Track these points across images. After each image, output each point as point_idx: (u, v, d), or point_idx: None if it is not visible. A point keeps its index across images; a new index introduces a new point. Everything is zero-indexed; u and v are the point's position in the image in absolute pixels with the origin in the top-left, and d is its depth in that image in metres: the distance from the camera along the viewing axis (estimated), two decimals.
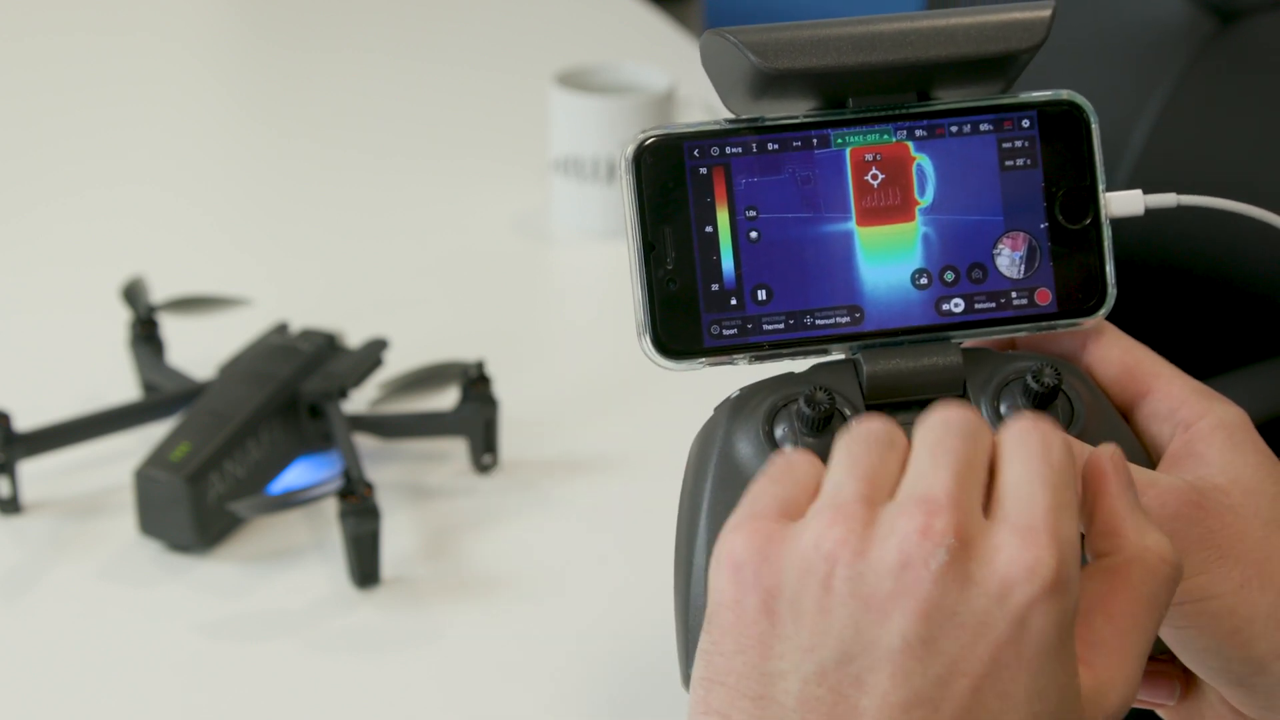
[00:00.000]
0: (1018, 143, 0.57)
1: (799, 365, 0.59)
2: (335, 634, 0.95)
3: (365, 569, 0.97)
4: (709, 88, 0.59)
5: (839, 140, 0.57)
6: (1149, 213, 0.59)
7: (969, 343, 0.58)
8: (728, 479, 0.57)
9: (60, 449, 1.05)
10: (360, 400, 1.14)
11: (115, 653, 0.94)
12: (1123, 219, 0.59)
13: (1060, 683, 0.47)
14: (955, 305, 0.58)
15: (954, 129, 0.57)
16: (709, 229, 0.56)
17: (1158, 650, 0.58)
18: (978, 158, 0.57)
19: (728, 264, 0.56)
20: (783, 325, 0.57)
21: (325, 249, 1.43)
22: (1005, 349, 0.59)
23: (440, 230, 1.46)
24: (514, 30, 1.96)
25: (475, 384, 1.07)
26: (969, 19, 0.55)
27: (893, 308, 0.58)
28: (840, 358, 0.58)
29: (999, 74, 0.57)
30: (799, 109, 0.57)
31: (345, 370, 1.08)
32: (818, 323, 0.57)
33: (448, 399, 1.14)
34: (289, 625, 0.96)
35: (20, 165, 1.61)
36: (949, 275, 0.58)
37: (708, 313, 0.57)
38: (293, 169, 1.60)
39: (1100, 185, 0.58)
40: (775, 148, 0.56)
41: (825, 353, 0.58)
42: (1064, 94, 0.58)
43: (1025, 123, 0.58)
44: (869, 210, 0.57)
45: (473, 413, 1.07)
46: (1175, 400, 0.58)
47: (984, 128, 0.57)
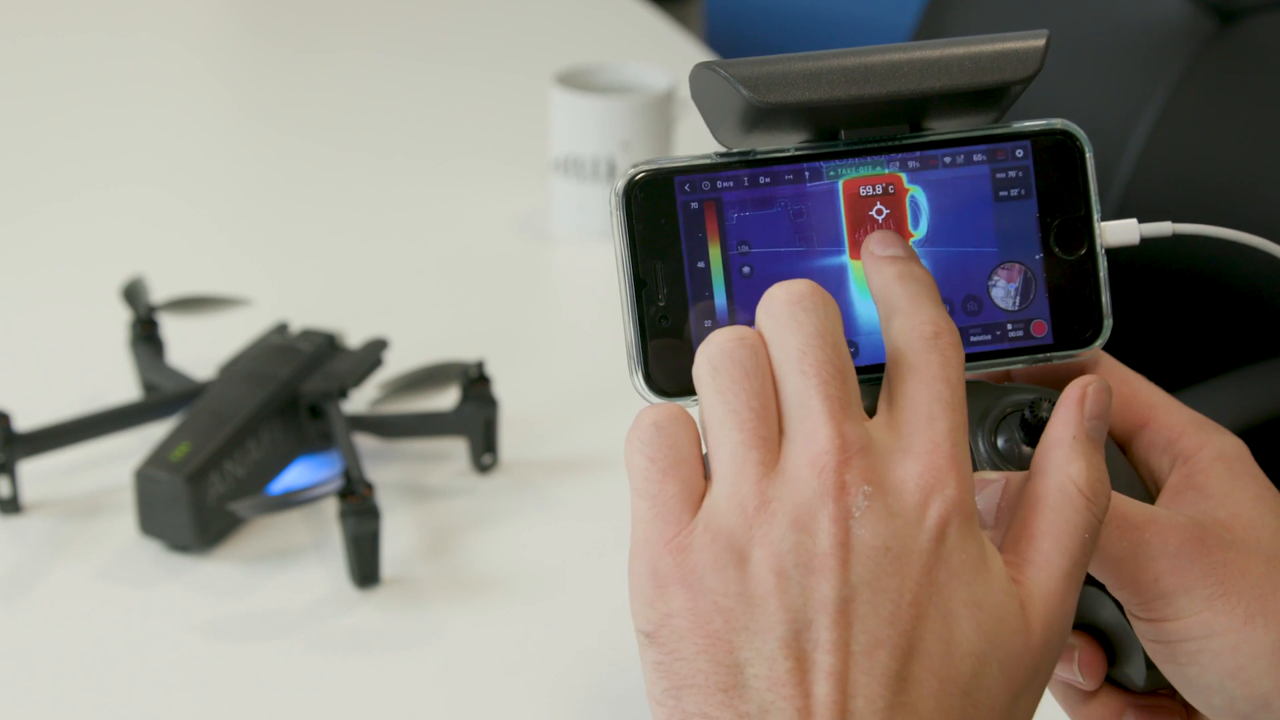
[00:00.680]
0: (1011, 173, 0.57)
1: None
2: (335, 634, 0.95)
3: (365, 569, 0.97)
4: None
5: (831, 173, 0.56)
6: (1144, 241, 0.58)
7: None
8: None
9: (60, 449, 1.05)
10: (360, 400, 1.14)
11: (115, 653, 0.94)
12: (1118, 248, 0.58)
13: (995, 588, 0.49)
14: None
15: (947, 160, 0.56)
16: (701, 264, 0.55)
17: (1160, 686, 0.58)
18: (971, 189, 0.56)
19: (720, 300, 0.55)
20: None
21: (325, 249, 1.43)
22: (1001, 381, 0.59)
23: (440, 230, 1.46)
24: (514, 30, 1.96)
25: (475, 384, 1.07)
26: (962, 50, 0.54)
27: None
28: None
29: (993, 105, 0.56)
30: (790, 141, 0.56)
31: (345, 370, 1.08)
32: None
33: (448, 399, 1.14)
34: (289, 625, 0.96)
35: (20, 165, 1.61)
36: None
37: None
38: (293, 169, 1.60)
39: (1095, 215, 0.57)
40: (767, 181, 0.55)
41: None
42: (1058, 123, 0.57)
43: (1019, 153, 0.57)
44: (862, 243, 0.57)
45: (473, 413, 1.07)
46: (1174, 431, 0.57)
47: (977, 158, 0.57)
